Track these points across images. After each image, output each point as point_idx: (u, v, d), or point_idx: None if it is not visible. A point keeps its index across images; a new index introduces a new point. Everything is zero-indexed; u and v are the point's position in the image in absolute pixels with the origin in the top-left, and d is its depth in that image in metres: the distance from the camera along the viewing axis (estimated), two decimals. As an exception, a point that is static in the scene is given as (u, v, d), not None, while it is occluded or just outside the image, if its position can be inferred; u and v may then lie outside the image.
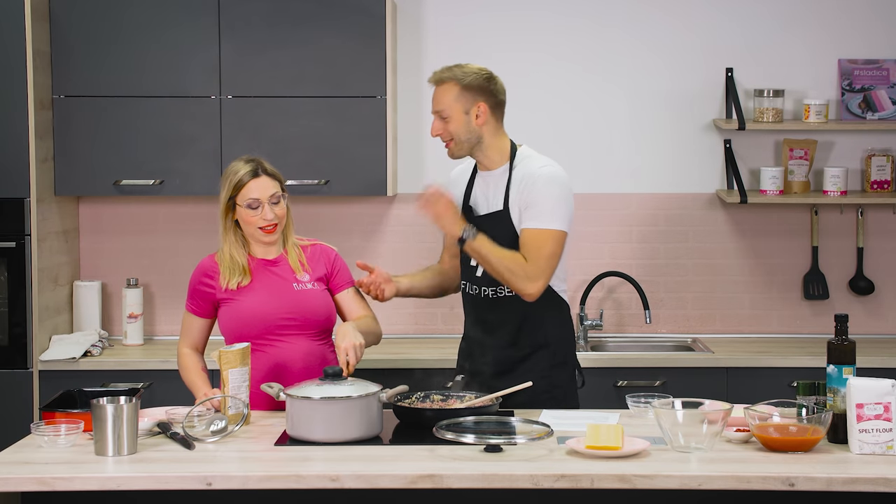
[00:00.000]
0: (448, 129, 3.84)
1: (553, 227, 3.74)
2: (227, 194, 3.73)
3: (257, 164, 3.75)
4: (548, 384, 3.84)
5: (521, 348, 3.87)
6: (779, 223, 5.27)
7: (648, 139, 5.27)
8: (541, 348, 3.88)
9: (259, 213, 3.71)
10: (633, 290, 5.15)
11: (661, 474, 3.00)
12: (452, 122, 3.83)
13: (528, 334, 3.86)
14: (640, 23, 5.25)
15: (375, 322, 3.87)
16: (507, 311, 3.85)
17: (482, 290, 3.88)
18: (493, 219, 3.83)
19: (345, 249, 4.56)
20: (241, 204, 3.71)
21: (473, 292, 3.91)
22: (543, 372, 3.86)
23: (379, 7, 4.89)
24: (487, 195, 3.88)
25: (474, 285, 3.90)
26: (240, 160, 3.78)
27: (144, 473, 3.06)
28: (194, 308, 3.81)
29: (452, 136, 3.84)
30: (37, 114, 4.77)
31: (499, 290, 3.84)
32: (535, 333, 3.86)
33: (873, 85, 5.16)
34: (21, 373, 4.76)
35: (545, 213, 3.74)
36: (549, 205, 3.75)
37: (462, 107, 3.83)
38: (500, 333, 3.87)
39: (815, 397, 3.37)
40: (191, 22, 4.89)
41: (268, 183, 3.73)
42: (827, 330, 4.82)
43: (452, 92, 3.84)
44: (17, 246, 4.77)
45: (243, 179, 3.71)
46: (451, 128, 3.83)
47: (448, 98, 3.84)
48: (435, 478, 3.01)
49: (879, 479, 2.97)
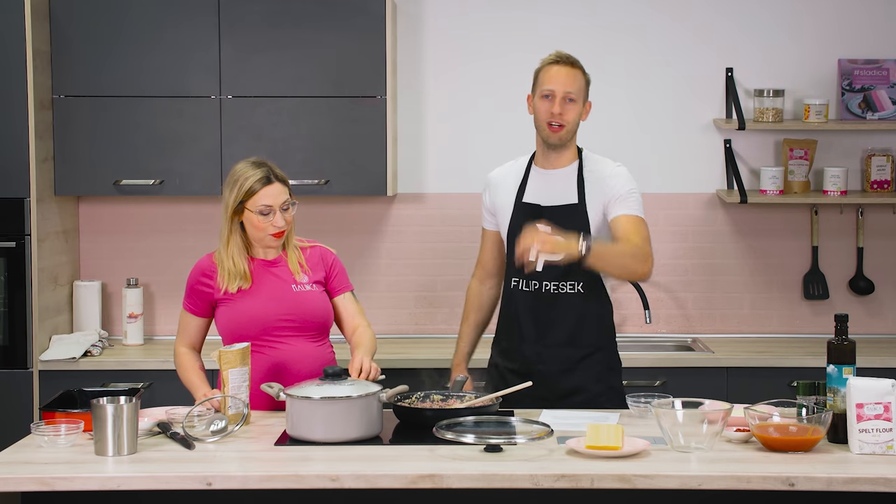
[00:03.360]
0: (569, 113, 3.84)
1: (642, 215, 3.84)
2: (237, 199, 3.69)
3: (269, 170, 3.71)
4: (605, 387, 3.89)
5: (580, 347, 3.88)
6: (779, 223, 5.27)
7: (648, 139, 5.27)
8: (599, 349, 3.91)
9: (270, 219, 3.70)
10: (632, 289, 5.15)
11: (661, 474, 3.01)
12: (576, 108, 3.85)
13: (587, 333, 3.88)
14: (640, 23, 5.25)
15: (370, 329, 3.88)
16: (567, 308, 3.85)
17: (543, 285, 3.86)
18: (566, 211, 3.85)
19: (345, 249, 4.57)
20: (252, 210, 3.69)
21: (531, 289, 3.88)
22: (600, 375, 3.89)
23: (379, 7, 4.89)
24: (553, 190, 3.89)
25: (533, 280, 3.87)
26: (247, 163, 3.74)
27: (144, 473, 3.06)
28: (192, 307, 3.81)
29: (569, 121, 3.84)
30: (37, 114, 4.77)
31: (561, 285, 3.84)
32: (593, 332, 3.89)
33: (873, 85, 5.16)
34: (21, 373, 4.76)
35: (635, 204, 3.83)
36: (636, 198, 3.85)
37: (583, 97, 3.87)
38: (559, 331, 3.87)
39: (815, 397, 3.37)
40: (191, 22, 4.89)
41: (280, 189, 3.71)
42: (827, 330, 4.81)
43: (583, 79, 3.88)
44: (17, 246, 4.77)
45: (255, 187, 3.68)
46: (572, 113, 3.84)
47: (580, 82, 3.86)
48: (435, 478, 3.01)
49: (879, 479, 2.97)
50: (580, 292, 3.86)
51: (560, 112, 3.83)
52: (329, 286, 3.85)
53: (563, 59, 3.87)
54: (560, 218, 3.81)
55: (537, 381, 3.74)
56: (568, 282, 3.85)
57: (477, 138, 5.23)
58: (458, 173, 5.24)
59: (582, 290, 3.86)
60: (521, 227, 3.80)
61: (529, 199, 3.91)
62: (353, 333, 3.90)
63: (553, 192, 3.89)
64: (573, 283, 3.85)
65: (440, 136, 5.28)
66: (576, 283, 3.85)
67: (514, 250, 3.83)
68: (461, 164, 5.24)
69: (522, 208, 3.90)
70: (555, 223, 3.76)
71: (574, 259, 3.63)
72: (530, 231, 3.60)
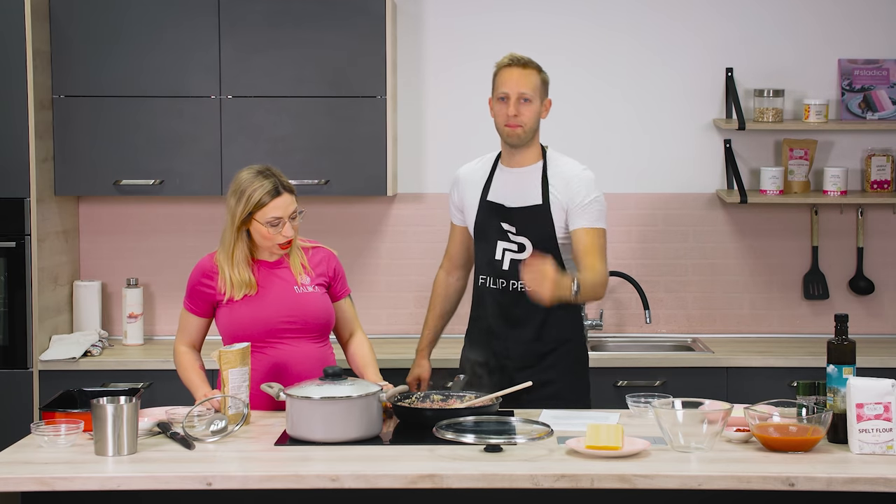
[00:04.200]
0: (525, 114, 3.87)
1: (603, 225, 3.91)
2: (245, 210, 3.67)
3: (277, 181, 3.69)
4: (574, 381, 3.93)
5: (546, 343, 3.92)
6: (779, 223, 5.27)
7: (648, 139, 5.26)
8: (565, 343, 3.94)
9: (279, 230, 3.69)
10: (633, 290, 5.15)
11: (661, 474, 3.01)
12: (532, 108, 3.89)
13: (553, 328, 3.92)
14: (640, 23, 5.25)
15: (367, 339, 3.95)
16: (533, 305, 3.86)
17: (510, 283, 3.92)
18: (530, 212, 3.89)
19: (345, 249, 4.57)
20: (261, 221, 3.67)
21: (498, 286, 3.94)
22: (569, 366, 3.92)
23: (379, 7, 4.89)
24: (517, 190, 3.93)
25: (500, 279, 3.93)
26: (253, 172, 3.71)
27: (144, 473, 3.06)
28: (192, 307, 3.80)
29: (526, 121, 3.88)
30: (37, 114, 4.77)
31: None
32: (560, 327, 3.93)
33: (873, 85, 5.16)
34: (21, 373, 4.76)
35: (595, 214, 3.90)
36: (597, 206, 3.91)
37: (540, 96, 3.90)
38: (525, 327, 3.93)
39: (815, 397, 3.37)
40: (191, 22, 4.89)
41: (289, 200, 3.70)
42: (827, 330, 4.81)
43: (537, 79, 3.91)
44: (17, 246, 4.77)
45: (264, 199, 3.65)
46: (529, 113, 3.88)
47: (534, 83, 3.89)
48: (435, 478, 3.01)
49: (879, 479, 2.97)
50: None
51: (515, 113, 3.88)
52: (331, 291, 3.86)
53: (515, 62, 3.92)
54: (525, 219, 3.89)
55: (505, 376, 3.83)
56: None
57: (477, 138, 5.21)
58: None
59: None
60: (486, 225, 3.94)
61: (494, 198, 3.97)
62: (348, 340, 3.92)
63: (517, 191, 3.95)
64: None
65: (440, 136, 5.28)
66: None
67: (481, 246, 3.97)
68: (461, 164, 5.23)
69: (487, 206, 3.97)
70: (519, 223, 3.85)
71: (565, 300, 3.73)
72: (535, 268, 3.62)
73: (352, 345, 3.92)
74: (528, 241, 3.92)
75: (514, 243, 3.93)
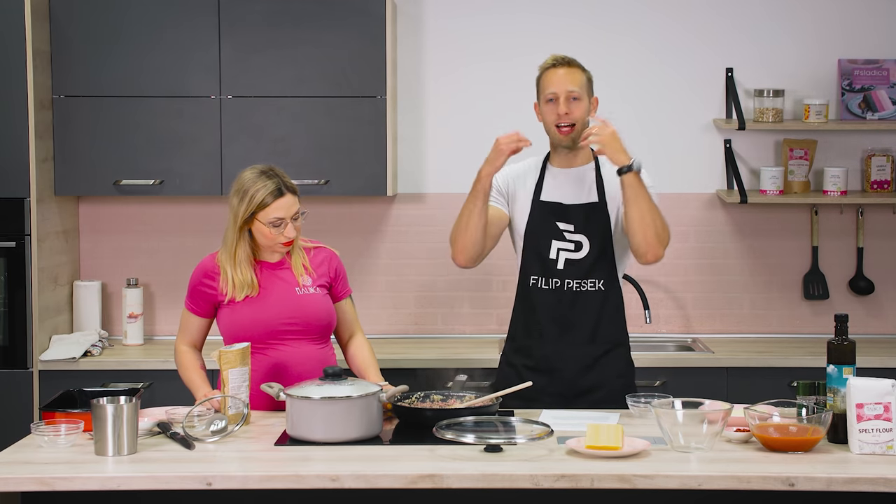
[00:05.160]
0: (575, 112, 3.84)
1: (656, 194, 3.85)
2: (248, 211, 3.67)
3: (279, 181, 3.69)
4: (623, 384, 3.90)
5: (600, 345, 3.89)
6: (779, 223, 5.27)
7: (648, 139, 5.26)
8: (618, 346, 3.92)
9: (281, 230, 3.69)
10: (633, 290, 5.15)
11: (661, 474, 3.00)
12: (581, 106, 3.86)
13: (607, 330, 3.89)
14: (639, 23, 5.25)
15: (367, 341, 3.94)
16: (587, 306, 3.86)
17: (565, 283, 3.87)
18: (589, 209, 3.86)
19: (345, 249, 4.56)
20: (263, 221, 3.67)
21: (551, 287, 3.88)
22: (621, 370, 3.92)
23: (379, 7, 4.89)
24: (572, 189, 3.89)
25: (553, 279, 3.88)
26: (255, 172, 3.71)
27: (144, 473, 3.06)
28: (194, 307, 3.80)
29: (577, 120, 3.85)
30: (37, 114, 4.77)
31: (582, 283, 3.85)
32: (612, 329, 3.90)
33: (873, 85, 5.16)
34: (21, 373, 4.76)
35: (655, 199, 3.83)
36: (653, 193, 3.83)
37: (588, 94, 3.88)
38: (580, 329, 3.88)
39: (815, 397, 3.37)
40: (191, 22, 4.89)
41: (291, 200, 3.70)
42: (827, 330, 4.82)
43: (583, 77, 3.88)
44: (17, 246, 4.77)
45: (267, 199, 3.65)
46: (579, 111, 3.85)
47: (581, 80, 3.86)
48: (435, 478, 3.01)
49: (879, 479, 2.97)
50: (601, 290, 3.87)
51: (566, 112, 3.83)
52: (332, 292, 3.85)
53: (559, 61, 3.88)
54: (583, 216, 3.86)
55: (556, 379, 3.79)
56: (589, 280, 3.87)
57: (477, 138, 5.21)
58: (458, 173, 5.21)
59: (602, 287, 3.87)
60: (539, 226, 3.87)
61: (549, 198, 3.92)
62: (348, 341, 3.92)
63: (572, 190, 3.91)
64: (594, 281, 3.87)
65: (440, 137, 5.28)
66: (596, 281, 3.87)
67: (533, 247, 3.89)
68: (461, 164, 5.22)
69: (541, 206, 3.91)
70: (577, 221, 3.82)
71: (621, 166, 3.69)
72: (602, 126, 3.69)
73: (351, 346, 3.92)
74: (585, 239, 3.86)
75: (570, 242, 3.87)
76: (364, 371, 3.83)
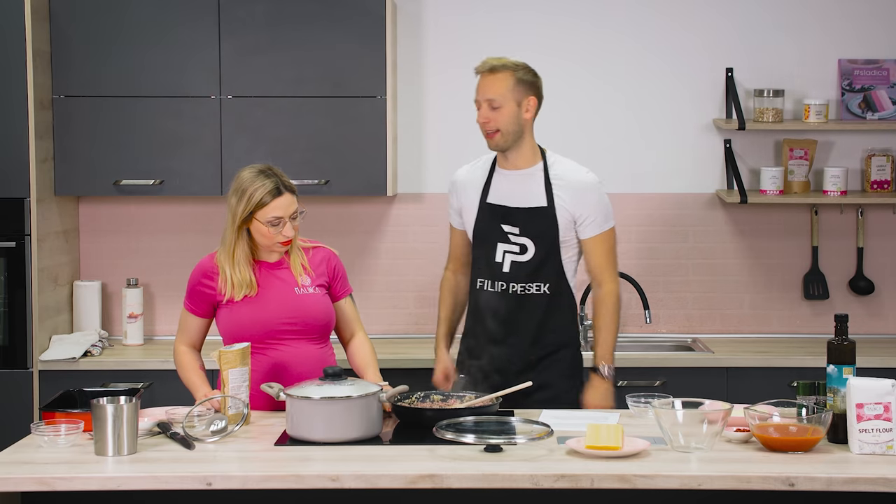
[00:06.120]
0: (497, 119, 3.84)
1: (612, 223, 3.97)
2: (246, 210, 3.67)
3: (278, 180, 3.69)
4: (571, 385, 3.94)
5: (545, 346, 3.92)
6: (779, 223, 5.27)
7: (648, 139, 5.26)
8: (564, 347, 3.94)
9: (280, 229, 3.69)
10: (633, 290, 5.15)
11: (661, 474, 3.01)
12: (504, 113, 3.86)
13: (550, 332, 3.92)
14: (639, 23, 5.25)
15: (368, 340, 3.94)
16: (532, 309, 3.88)
17: (510, 286, 3.91)
18: (536, 213, 3.89)
19: (345, 249, 4.57)
20: (262, 221, 3.67)
21: (497, 290, 3.93)
22: (564, 371, 3.92)
23: (379, 7, 4.89)
24: (519, 192, 3.92)
25: (500, 282, 3.92)
26: (254, 172, 3.71)
27: (144, 473, 3.06)
28: (193, 308, 3.80)
29: (500, 126, 3.86)
30: (37, 114, 4.77)
31: (527, 286, 3.87)
32: (558, 331, 3.93)
33: (873, 85, 5.16)
34: (21, 373, 4.76)
35: (602, 217, 3.94)
36: (603, 209, 3.94)
37: (515, 98, 3.87)
38: (524, 331, 3.92)
39: (815, 397, 3.37)
40: (191, 22, 4.89)
41: (290, 200, 3.70)
42: (827, 330, 4.82)
43: (507, 82, 3.87)
44: (17, 246, 4.77)
45: (265, 199, 3.66)
46: (501, 118, 3.85)
47: (502, 87, 3.86)
48: (435, 478, 3.01)
49: (879, 479, 2.97)
50: (546, 293, 3.91)
51: (485, 120, 3.88)
52: (332, 291, 3.85)
53: (482, 67, 3.92)
54: (528, 220, 3.88)
55: (504, 380, 3.81)
56: (534, 283, 3.90)
57: (477, 138, 5.20)
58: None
59: (548, 290, 3.90)
60: (486, 228, 3.93)
61: (495, 200, 3.96)
62: (349, 340, 3.92)
63: (519, 193, 3.93)
64: (539, 285, 3.91)
65: (440, 137, 5.28)
66: (542, 285, 3.90)
67: (480, 249, 3.96)
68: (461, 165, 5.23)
69: (487, 208, 3.95)
70: (522, 224, 3.83)
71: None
72: (601, 391, 3.94)
73: (352, 345, 3.92)
74: (530, 243, 3.91)
75: (515, 245, 3.92)
76: (363, 370, 3.83)
